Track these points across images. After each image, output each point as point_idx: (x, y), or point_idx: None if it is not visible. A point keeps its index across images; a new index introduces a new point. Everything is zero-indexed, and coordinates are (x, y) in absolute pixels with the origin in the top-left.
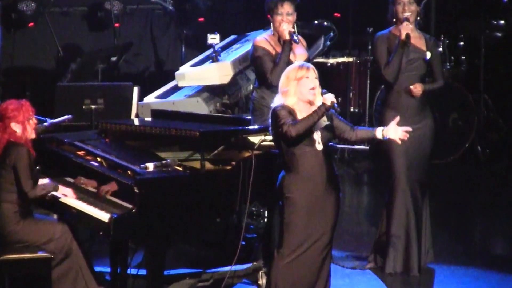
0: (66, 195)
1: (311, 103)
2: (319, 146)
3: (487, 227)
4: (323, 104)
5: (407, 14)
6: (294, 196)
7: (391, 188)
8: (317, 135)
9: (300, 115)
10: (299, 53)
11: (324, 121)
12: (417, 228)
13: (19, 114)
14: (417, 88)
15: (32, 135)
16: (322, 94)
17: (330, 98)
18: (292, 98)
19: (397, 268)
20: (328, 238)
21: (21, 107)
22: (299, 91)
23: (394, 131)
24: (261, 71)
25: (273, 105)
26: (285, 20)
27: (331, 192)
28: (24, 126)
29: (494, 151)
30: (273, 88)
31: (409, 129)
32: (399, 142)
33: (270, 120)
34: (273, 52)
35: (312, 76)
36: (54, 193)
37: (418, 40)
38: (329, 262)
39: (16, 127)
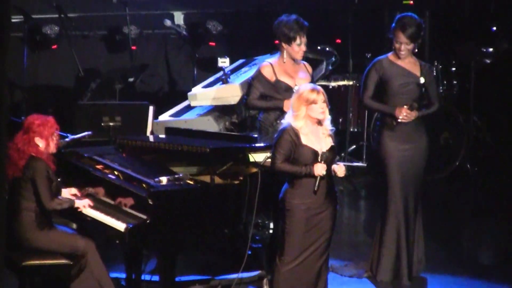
0: (84, 206)
1: (320, 122)
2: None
3: (476, 238)
4: (311, 171)
5: (401, 118)
6: (295, 209)
7: (385, 201)
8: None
9: (304, 138)
10: (302, 77)
11: (330, 142)
12: (407, 239)
13: (44, 130)
14: (407, 117)
15: (54, 149)
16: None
17: (320, 171)
18: (300, 121)
19: (388, 276)
20: (325, 247)
21: (47, 123)
22: (308, 114)
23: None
24: (247, 91)
25: (284, 121)
26: (302, 48)
27: (328, 205)
28: (48, 141)
29: (482, 168)
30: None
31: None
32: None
33: (275, 137)
34: (273, 79)
35: (321, 100)
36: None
37: (412, 66)
38: (326, 269)
39: (39, 141)
